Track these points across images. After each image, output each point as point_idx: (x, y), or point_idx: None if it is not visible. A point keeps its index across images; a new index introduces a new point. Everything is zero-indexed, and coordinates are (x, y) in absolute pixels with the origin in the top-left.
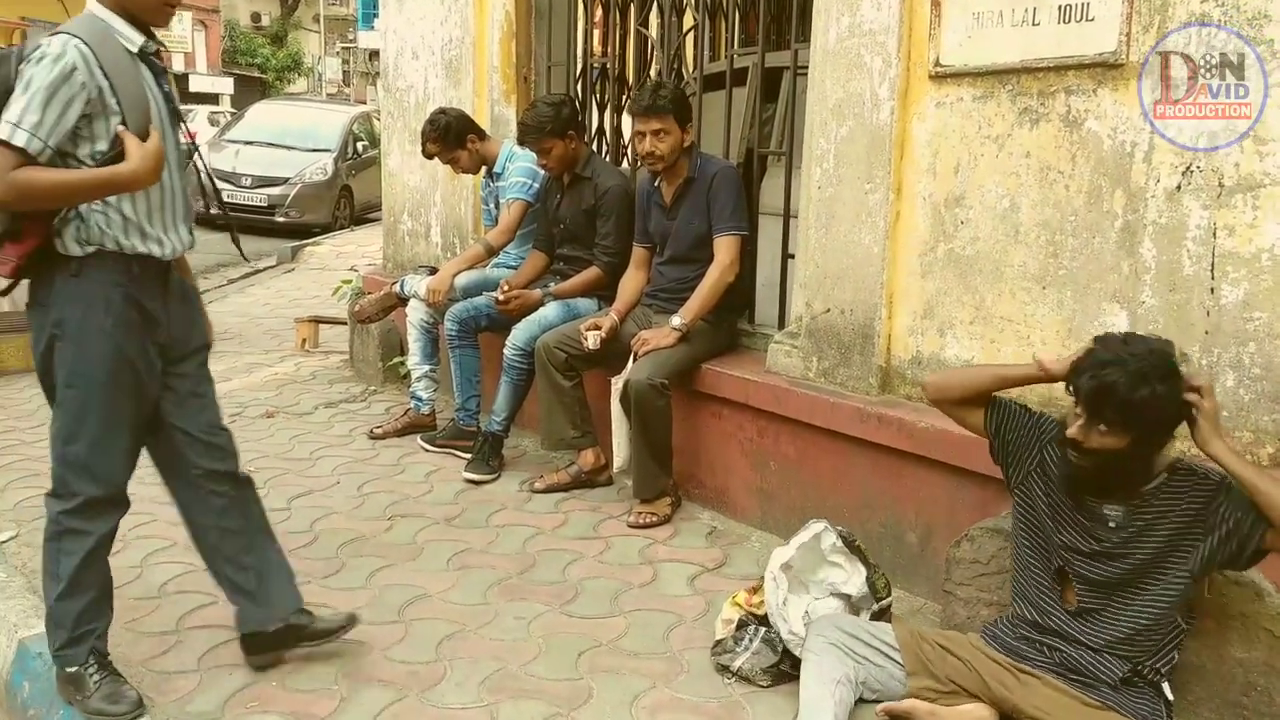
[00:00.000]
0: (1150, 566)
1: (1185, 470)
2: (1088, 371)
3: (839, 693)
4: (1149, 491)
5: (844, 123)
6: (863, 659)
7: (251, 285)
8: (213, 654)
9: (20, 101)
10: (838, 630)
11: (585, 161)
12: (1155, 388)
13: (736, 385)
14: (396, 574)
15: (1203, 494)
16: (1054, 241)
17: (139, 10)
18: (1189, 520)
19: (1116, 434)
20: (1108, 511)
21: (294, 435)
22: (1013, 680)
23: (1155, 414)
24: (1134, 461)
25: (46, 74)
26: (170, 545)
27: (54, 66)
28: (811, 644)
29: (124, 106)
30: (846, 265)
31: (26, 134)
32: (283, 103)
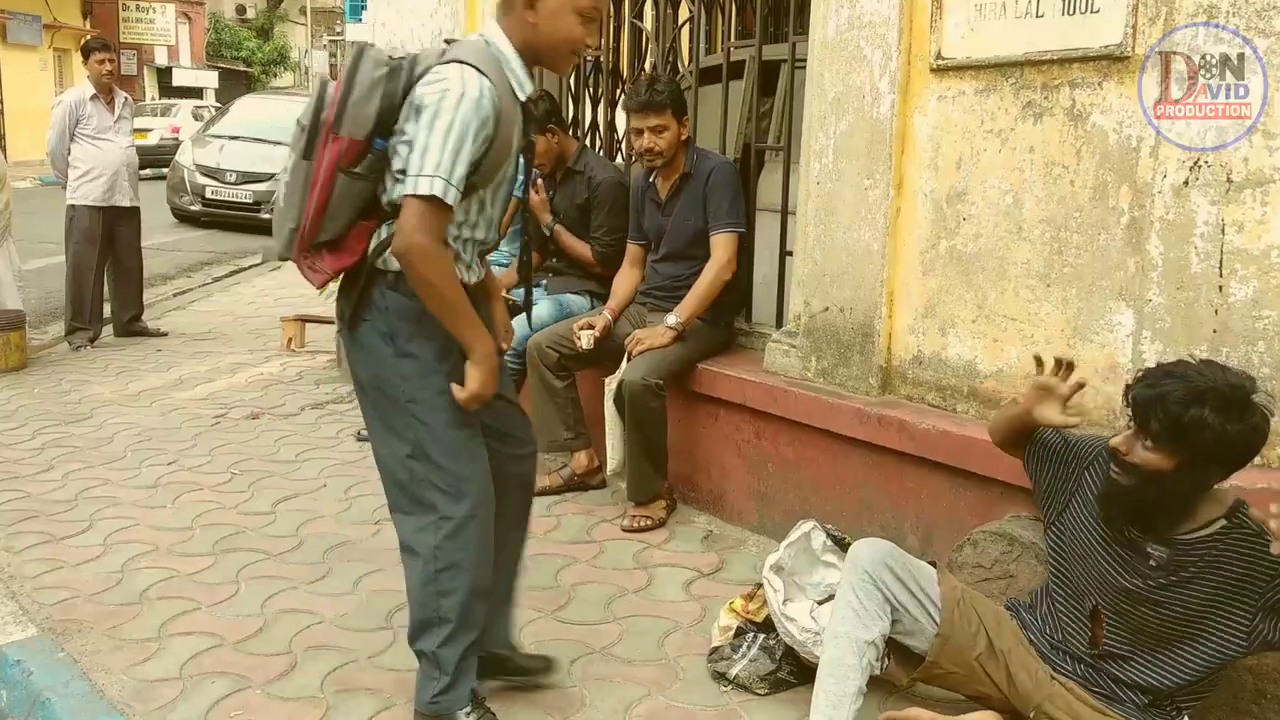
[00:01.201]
0: (1190, 624)
1: (1242, 526)
2: (1147, 379)
3: (868, 657)
4: (1198, 540)
5: (843, 117)
6: (902, 607)
7: (236, 283)
8: (195, 661)
9: (444, 149)
10: (886, 569)
11: (577, 156)
12: (1208, 413)
13: (733, 385)
14: (384, 579)
15: (1255, 560)
16: (1058, 238)
17: (546, 54)
18: (1237, 583)
19: (1161, 453)
20: (1151, 550)
21: (280, 437)
22: (1044, 680)
23: (1204, 441)
24: (1175, 490)
25: (467, 120)
26: (152, 549)
27: (475, 113)
28: (854, 580)
29: (490, 158)
30: (846, 263)
31: (455, 191)
32: (268, 97)
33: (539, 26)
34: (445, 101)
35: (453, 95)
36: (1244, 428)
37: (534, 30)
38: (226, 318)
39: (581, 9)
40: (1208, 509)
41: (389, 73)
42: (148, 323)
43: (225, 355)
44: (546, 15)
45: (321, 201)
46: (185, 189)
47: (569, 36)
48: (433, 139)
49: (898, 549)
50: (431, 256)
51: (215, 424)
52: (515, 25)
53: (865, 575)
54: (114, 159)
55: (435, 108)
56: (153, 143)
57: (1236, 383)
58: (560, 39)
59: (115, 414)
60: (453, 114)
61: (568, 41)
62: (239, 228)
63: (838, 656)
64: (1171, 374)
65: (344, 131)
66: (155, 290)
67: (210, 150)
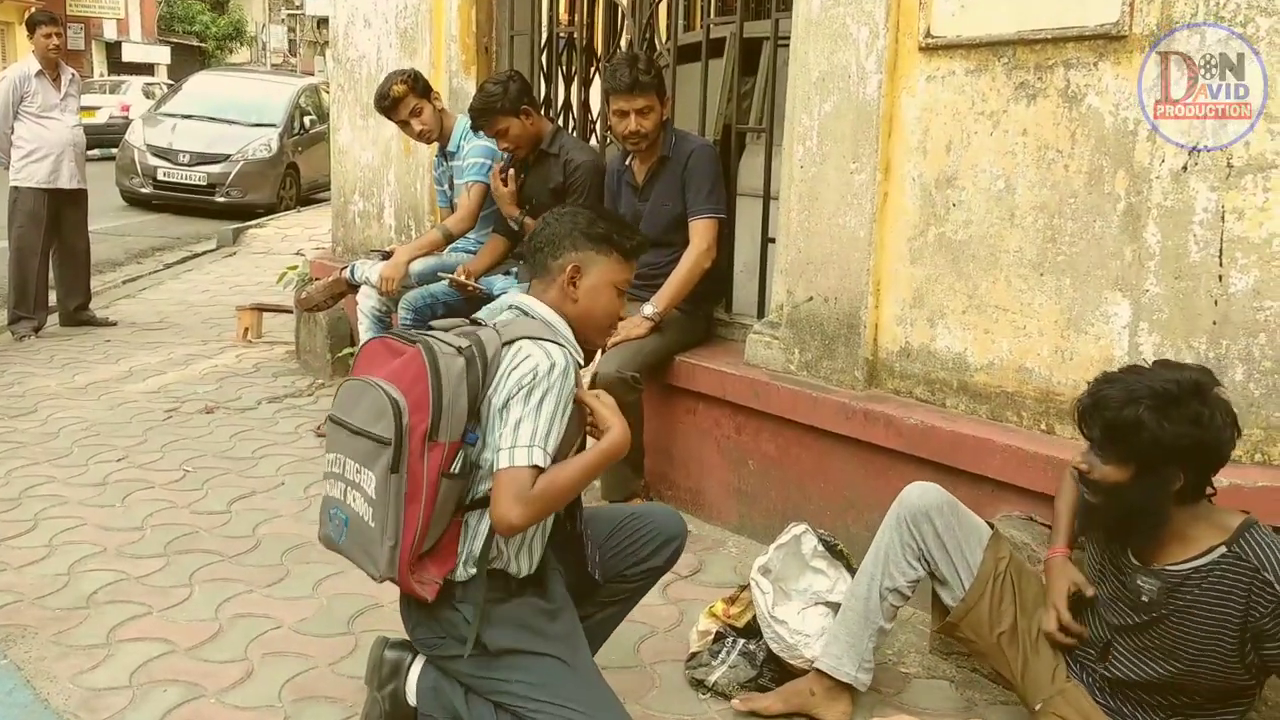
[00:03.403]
0: (1188, 654)
1: (1241, 558)
2: (1089, 388)
3: (889, 601)
4: (1191, 570)
5: (828, 98)
6: (934, 561)
7: (189, 270)
8: (146, 668)
9: (539, 421)
10: (927, 520)
11: (551, 138)
12: (1142, 412)
13: (713, 378)
14: (345, 582)
15: (1248, 595)
16: (1052, 225)
17: (585, 328)
18: (1227, 619)
19: (1113, 463)
20: (1141, 583)
21: (235, 432)
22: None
23: (1144, 442)
24: (1141, 503)
25: (559, 391)
26: (100, 551)
27: (564, 383)
28: (893, 522)
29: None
30: (830, 250)
31: (547, 455)
32: (223, 74)
33: (580, 302)
34: (543, 380)
35: (546, 371)
36: (1184, 423)
37: (575, 306)
38: (179, 306)
39: (618, 283)
40: (1206, 533)
41: (466, 364)
42: (95, 311)
43: (178, 346)
44: (587, 291)
45: (429, 513)
46: (135, 170)
47: (607, 310)
48: (529, 412)
49: (952, 501)
50: (539, 515)
51: (167, 418)
52: (557, 299)
53: (904, 523)
54: (60, 138)
55: (541, 387)
56: (101, 121)
57: (1173, 378)
58: (600, 313)
59: (61, 408)
60: (547, 384)
61: (607, 316)
62: (192, 211)
63: (862, 594)
64: (1112, 379)
65: (443, 437)
66: (104, 277)
67: (162, 130)
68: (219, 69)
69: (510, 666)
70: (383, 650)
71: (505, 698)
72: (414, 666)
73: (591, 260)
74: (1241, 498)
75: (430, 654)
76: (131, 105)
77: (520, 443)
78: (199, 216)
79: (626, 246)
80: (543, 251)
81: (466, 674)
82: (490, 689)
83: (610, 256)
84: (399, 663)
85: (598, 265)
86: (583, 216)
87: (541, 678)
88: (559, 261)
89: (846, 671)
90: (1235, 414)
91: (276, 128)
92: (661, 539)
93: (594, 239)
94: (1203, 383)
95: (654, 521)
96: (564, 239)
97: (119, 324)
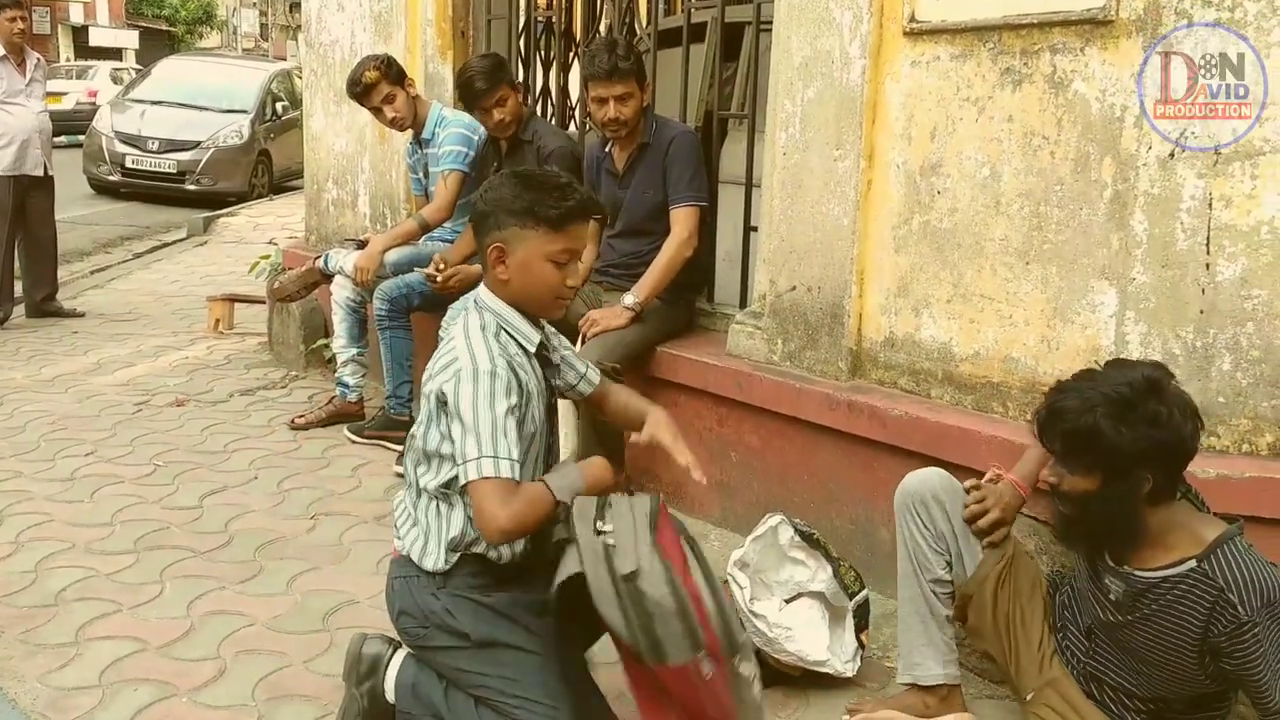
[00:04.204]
0: (1155, 662)
1: (1208, 577)
2: (1045, 400)
3: (939, 590)
4: (1159, 579)
5: (811, 83)
6: (947, 543)
7: (159, 260)
8: (116, 667)
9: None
10: (939, 506)
11: (526, 123)
12: (1099, 419)
13: (694, 369)
14: (320, 578)
15: (1208, 615)
16: (1038, 213)
17: (531, 306)
18: (1185, 632)
19: (1079, 473)
20: (1109, 582)
21: (207, 426)
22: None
23: (1105, 448)
24: (1114, 510)
25: (491, 391)
26: (69, 547)
27: (493, 384)
28: (903, 514)
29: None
30: (814, 239)
31: (511, 463)
32: (194, 59)
33: (512, 282)
34: (464, 379)
35: (466, 369)
36: (1141, 425)
37: (510, 287)
38: (148, 297)
39: (552, 254)
40: (1182, 542)
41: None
42: (63, 302)
43: (147, 337)
44: (517, 269)
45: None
46: (103, 158)
47: (547, 284)
48: (476, 417)
49: (953, 483)
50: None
51: (137, 412)
52: (494, 285)
53: (911, 510)
54: (25, 125)
55: (455, 392)
56: (68, 107)
57: (1126, 380)
58: (539, 289)
59: (27, 400)
60: (477, 387)
61: (548, 289)
62: (162, 199)
63: (910, 596)
64: (1065, 389)
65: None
66: (71, 267)
67: (130, 116)
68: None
69: (491, 660)
70: (361, 646)
71: (485, 692)
72: (393, 662)
73: (516, 237)
74: (1229, 489)
75: (414, 644)
76: (99, 91)
77: (485, 453)
78: (169, 205)
79: (552, 215)
80: (475, 233)
81: (447, 667)
82: (470, 683)
83: (536, 230)
84: (377, 659)
85: (524, 241)
86: (507, 188)
87: (522, 673)
88: (484, 241)
89: (934, 673)
90: (1195, 406)
91: (248, 114)
92: None
93: (516, 213)
94: (1156, 379)
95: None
96: (488, 217)
97: (87, 315)
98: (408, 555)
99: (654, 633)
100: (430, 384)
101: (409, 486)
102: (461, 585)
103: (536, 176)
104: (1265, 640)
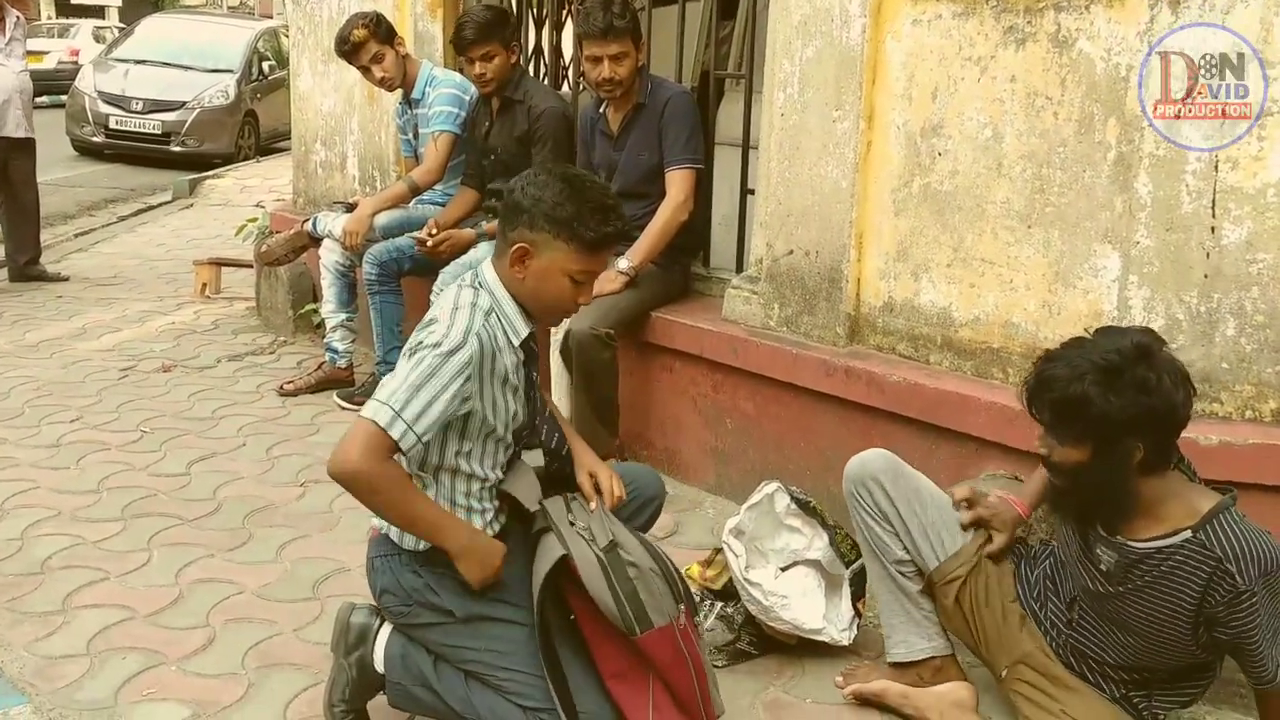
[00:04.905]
0: (1146, 626)
1: (1204, 547)
2: (1032, 372)
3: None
4: (1153, 550)
5: (810, 42)
6: (894, 524)
7: (144, 223)
8: (104, 635)
9: (405, 387)
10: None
11: (517, 83)
12: (1088, 387)
13: (689, 335)
14: (310, 546)
15: (1203, 586)
16: (1041, 175)
17: (534, 310)
18: (1180, 603)
19: (1070, 444)
20: (1101, 551)
21: (194, 392)
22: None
23: (1094, 417)
24: (1107, 479)
25: (442, 370)
26: (55, 515)
27: (451, 366)
28: (851, 504)
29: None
30: (812, 201)
31: (405, 425)
32: (178, 17)
33: (526, 282)
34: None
35: (434, 337)
36: (1130, 392)
37: (521, 285)
38: (134, 261)
39: (572, 272)
40: (1176, 512)
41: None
42: (46, 266)
43: (133, 302)
44: (536, 273)
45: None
46: (86, 118)
47: (557, 298)
48: (408, 372)
49: (893, 463)
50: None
51: (123, 377)
52: (506, 276)
53: (853, 497)
54: (5, 85)
55: (414, 347)
56: (49, 67)
57: (1114, 347)
58: (549, 299)
59: (12, 366)
60: (431, 358)
61: (557, 303)
62: (146, 161)
63: (877, 577)
64: (1054, 358)
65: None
66: (54, 230)
67: (114, 75)
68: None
69: (478, 635)
70: (349, 616)
71: (474, 666)
72: (381, 632)
73: (546, 244)
74: (1231, 456)
75: (398, 622)
76: (81, 50)
77: (380, 398)
78: (153, 167)
79: (589, 237)
80: (504, 218)
81: (434, 642)
82: (459, 658)
83: (569, 244)
84: (366, 629)
85: (551, 250)
86: (552, 190)
87: (510, 646)
88: (511, 235)
89: (920, 648)
90: (1186, 372)
91: (234, 74)
92: (641, 499)
93: (554, 221)
94: (1146, 345)
95: (634, 482)
96: (523, 213)
97: (71, 279)
98: (386, 534)
99: (639, 599)
100: (407, 348)
101: None
102: (443, 561)
103: (584, 186)
104: (1262, 610)
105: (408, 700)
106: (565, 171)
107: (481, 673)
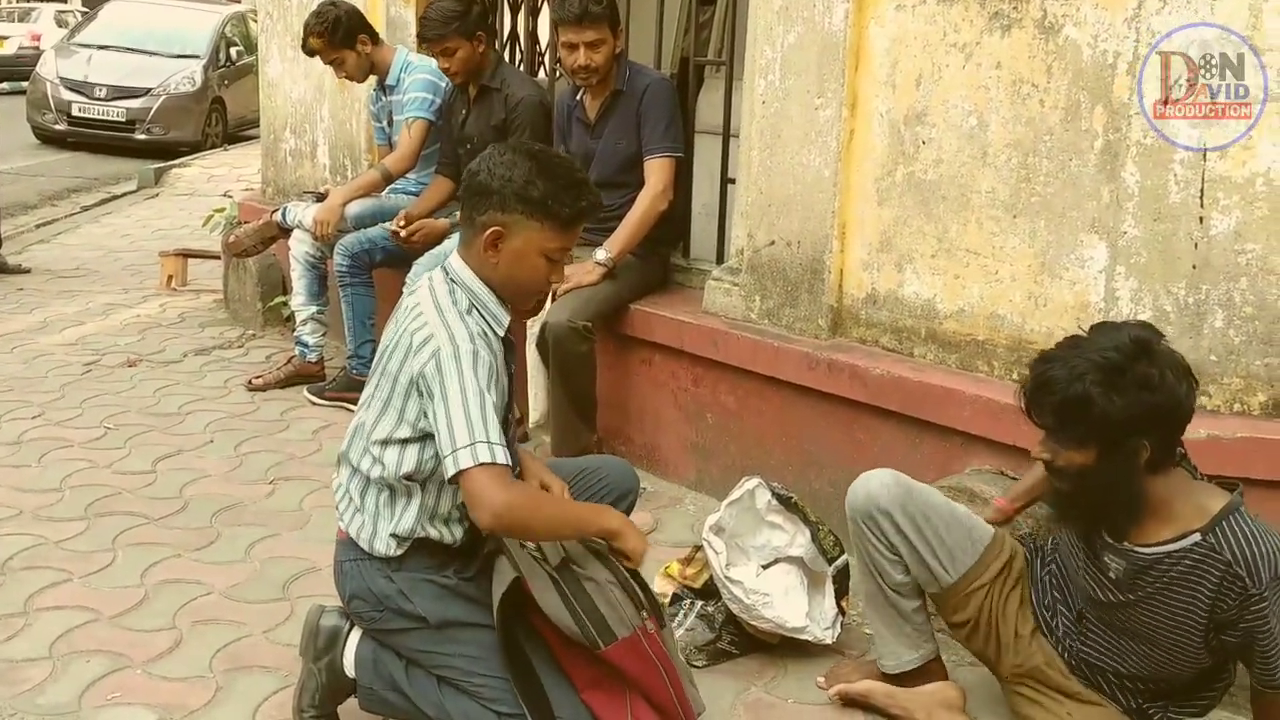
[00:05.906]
0: (1156, 641)
1: (1214, 550)
2: (1029, 374)
3: (900, 592)
4: (1162, 555)
5: (792, 28)
6: (902, 554)
7: (108, 213)
8: (66, 638)
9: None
10: (888, 519)
11: (493, 70)
12: (1089, 387)
13: (669, 328)
14: (280, 545)
15: (1214, 592)
16: (1026, 164)
17: (508, 295)
18: (1192, 609)
19: (1073, 447)
20: (1108, 560)
21: (160, 387)
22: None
23: (1097, 418)
24: (1113, 482)
25: (475, 371)
26: (15, 514)
27: (475, 363)
28: (855, 530)
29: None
30: (793, 191)
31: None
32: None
33: (500, 267)
34: (446, 359)
35: (446, 350)
36: (1133, 390)
37: (495, 270)
38: (97, 252)
39: (548, 251)
40: (1184, 513)
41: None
42: (7, 258)
43: (96, 295)
44: (510, 256)
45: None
46: (48, 105)
47: (533, 279)
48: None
49: (902, 489)
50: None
51: (86, 372)
52: (477, 263)
53: (860, 525)
54: None
55: (437, 375)
56: (10, 52)
57: (1112, 344)
58: (524, 281)
59: None
60: (459, 369)
61: (532, 283)
62: (110, 149)
63: (872, 594)
64: (1051, 359)
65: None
66: (15, 221)
67: (77, 61)
68: None
69: (451, 640)
70: (318, 619)
71: (447, 671)
72: (352, 636)
73: (519, 225)
74: (1220, 450)
75: (368, 628)
76: (43, 35)
77: (462, 443)
78: (118, 155)
79: (564, 214)
80: (469, 202)
81: (406, 648)
82: (431, 663)
83: (544, 224)
84: (336, 632)
85: (525, 231)
86: (521, 169)
87: (484, 651)
88: (481, 219)
89: (909, 659)
90: (1187, 365)
91: (201, 59)
92: (615, 494)
93: (527, 201)
94: (1144, 340)
95: (606, 476)
96: (492, 195)
97: (32, 271)
98: (354, 538)
99: (598, 613)
100: (393, 362)
101: (351, 472)
102: (417, 566)
103: (552, 163)
104: (1273, 613)
105: (379, 705)
106: (530, 148)
107: (455, 678)
